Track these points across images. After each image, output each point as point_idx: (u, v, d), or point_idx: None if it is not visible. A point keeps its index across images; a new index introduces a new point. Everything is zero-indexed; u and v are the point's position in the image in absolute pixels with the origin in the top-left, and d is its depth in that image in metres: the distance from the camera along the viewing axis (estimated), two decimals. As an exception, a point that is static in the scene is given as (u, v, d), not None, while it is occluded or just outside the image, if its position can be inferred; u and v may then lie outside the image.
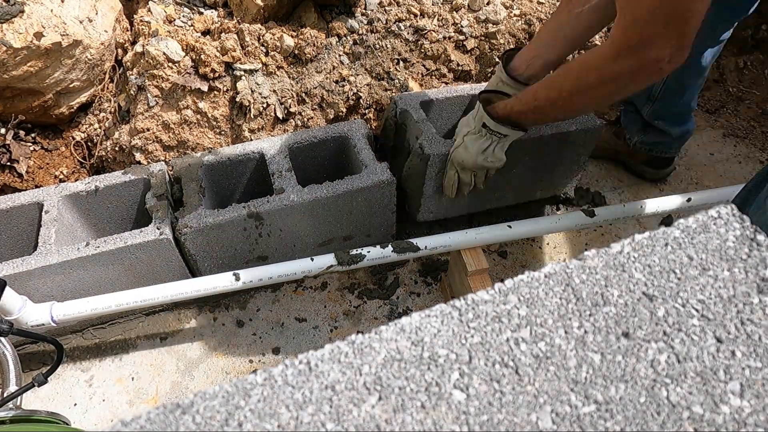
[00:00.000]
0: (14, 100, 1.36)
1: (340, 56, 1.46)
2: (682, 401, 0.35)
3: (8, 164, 1.39)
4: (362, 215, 1.30)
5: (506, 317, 0.40)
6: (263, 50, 1.41)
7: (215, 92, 1.37)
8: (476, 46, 1.53)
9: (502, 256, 1.47)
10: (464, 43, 1.52)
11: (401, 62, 1.49)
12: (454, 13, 1.53)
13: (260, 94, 1.38)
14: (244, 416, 0.36)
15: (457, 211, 1.41)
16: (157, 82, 1.35)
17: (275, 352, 1.28)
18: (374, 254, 1.19)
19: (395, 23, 1.48)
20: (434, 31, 1.49)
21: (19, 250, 1.25)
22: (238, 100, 1.37)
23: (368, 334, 0.40)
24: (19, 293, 1.05)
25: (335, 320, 1.34)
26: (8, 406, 0.88)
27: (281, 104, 1.41)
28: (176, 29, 1.41)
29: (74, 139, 1.50)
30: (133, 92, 1.40)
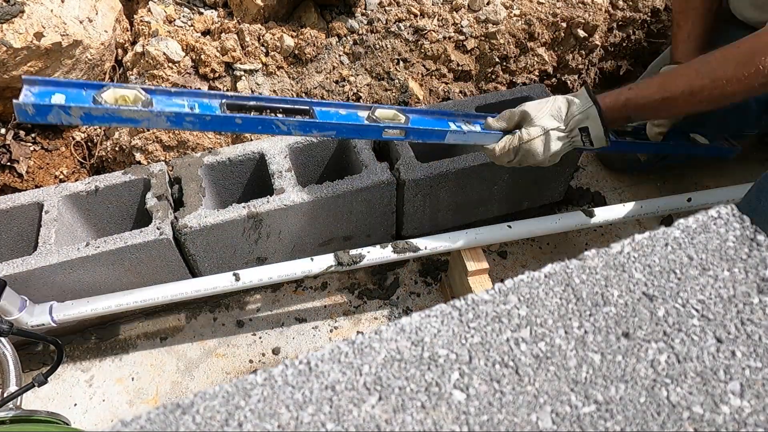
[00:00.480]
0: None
1: (340, 56, 1.46)
2: (682, 401, 0.36)
3: (8, 164, 1.39)
4: (362, 215, 1.30)
5: (506, 317, 0.40)
6: (263, 50, 1.41)
7: (215, 92, 1.38)
8: (476, 46, 1.53)
9: (502, 256, 1.47)
10: (464, 43, 1.52)
11: (401, 62, 1.49)
12: (454, 13, 1.53)
13: (260, 94, 1.38)
14: (244, 416, 0.36)
15: (441, 225, 1.42)
16: (157, 82, 1.35)
17: (275, 352, 1.28)
18: (374, 254, 1.19)
19: (395, 23, 1.48)
20: (434, 31, 1.49)
21: (19, 250, 1.25)
22: (238, 100, 1.37)
23: (368, 334, 0.40)
24: (19, 293, 1.05)
25: (335, 320, 1.34)
26: (8, 406, 0.88)
27: (281, 104, 1.41)
28: (176, 29, 1.41)
29: (74, 139, 1.50)
30: (133, 92, 1.40)
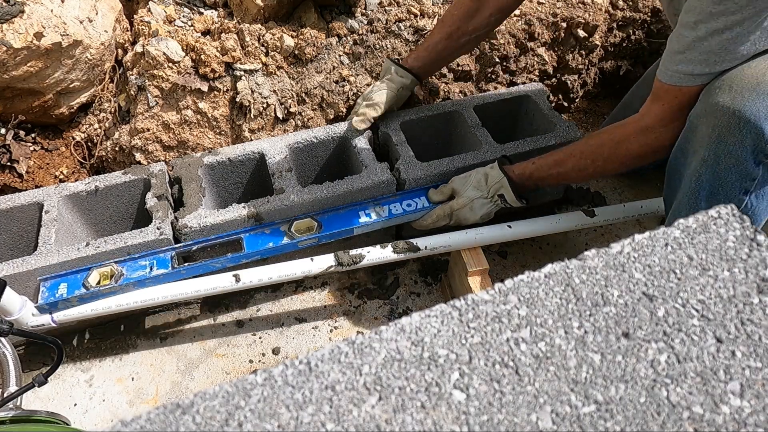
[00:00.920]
0: (14, 100, 1.36)
1: (340, 56, 1.46)
2: (682, 401, 0.35)
3: (8, 164, 1.39)
4: (362, 215, 1.30)
5: (506, 317, 0.40)
6: (263, 50, 1.41)
7: (215, 92, 1.37)
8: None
9: (502, 256, 1.47)
10: (464, 43, 1.51)
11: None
12: (454, 13, 1.53)
13: (260, 94, 1.38)
14: (244, 416, 0.36)
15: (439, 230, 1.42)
16: (157, 82, 1.35)
17: (275, 352, 1.28)
18: (374, 254, 1.19)
19: (395, 23, 1.48)
20: (434, 31, 1.49)
21: (19, 250, 1.25)
22: (238, 100, 1.37)
23: (368, 334, 0.40)
24: (19, 293, 1.05)
25: (335, 320, 1.34)
26: (8, 406, 0.88)
27: (281, 104, 1.41)
28: (176, 29, 1.41)
29: (74, 139, 1.50)
30: (133, 92, 1.40)
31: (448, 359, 0.38)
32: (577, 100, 1.78)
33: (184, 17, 1.47)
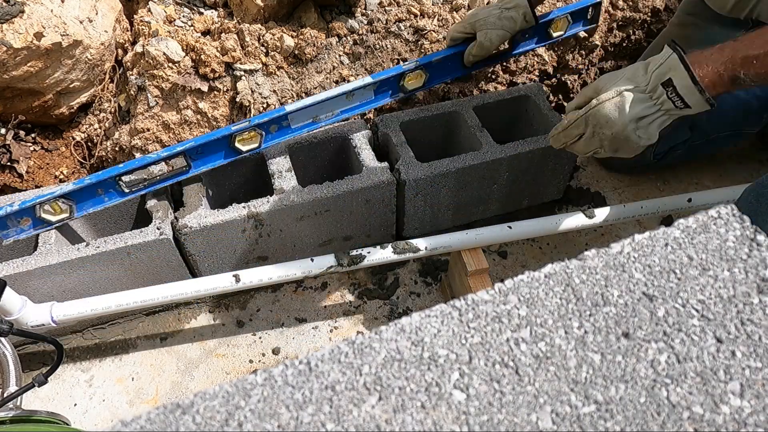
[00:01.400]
0: (14, 100, 1.36)
1: (340, 56, 1.46)
2: (682, 401, 0.36)
3: (8, 164, 1.39)
4: (362, 215, 1.30)
5: (506, 317, 0.40)
6: (263, 50, 1.41)
7: (215, 92, 1.37)
8: (476, 46, 1.53)
9: (502, 256, 1.47)
10: (464, 43, 1.51)
11: (401, 62, 1.49)
12: (454, 13, 1.53)
13: (260, 94, 1.38)
14: (244, 416, 0.36)
15: (441, 225, 1.42)
16: (157, 82, 1.35)
17: (275, 352, 1.28)
18: (374, 255, 1.19)
19: (395, 23, 1.48)
20: (434, 31, 1.49)
21: (19, 250, 1.25)
22: (238, 100, 1.37)
23: (368, 334, 0.40)
24: (19, 293, 1.05)
25: (335, 320, 1.34)
26: (8, 406, 0.88)
27: (281, 104, 1.41)
28: (176, 29, 1.41)
29: (74, 139, 1.50)
30: (133, 92, 1.40)
31: (448, 359, 0.38)
32: (577, 100, 1.78)
33: (184, 17, 1.47)
